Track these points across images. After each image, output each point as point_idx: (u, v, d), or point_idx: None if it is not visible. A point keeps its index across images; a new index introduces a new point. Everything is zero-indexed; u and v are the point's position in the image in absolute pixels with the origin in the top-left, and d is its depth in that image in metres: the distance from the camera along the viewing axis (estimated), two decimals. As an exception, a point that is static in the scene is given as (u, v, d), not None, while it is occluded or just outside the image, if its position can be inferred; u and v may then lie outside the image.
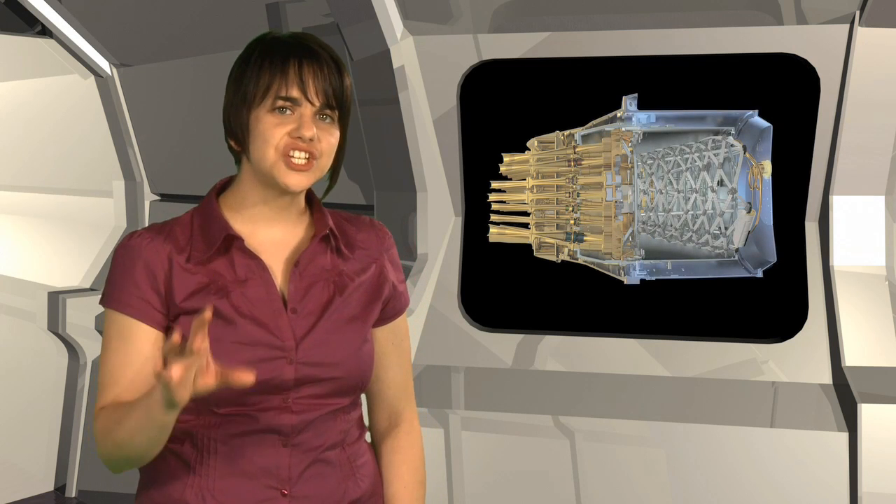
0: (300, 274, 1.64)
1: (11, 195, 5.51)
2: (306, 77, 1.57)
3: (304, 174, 1.59)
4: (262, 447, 1.61)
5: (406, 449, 1.78)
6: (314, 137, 1.58)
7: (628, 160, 3.48)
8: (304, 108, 1.58)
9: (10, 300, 5.01)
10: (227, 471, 1.61)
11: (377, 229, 1.76)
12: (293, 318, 1.62)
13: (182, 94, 4.48)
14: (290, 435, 1.61)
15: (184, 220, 1.67)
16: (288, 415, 1.61)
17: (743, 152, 3.38)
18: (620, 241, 3.51)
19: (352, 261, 1.69)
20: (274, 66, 1.58)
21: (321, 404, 1.63)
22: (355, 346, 1.66)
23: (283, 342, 1.60)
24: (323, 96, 1.58)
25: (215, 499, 1.61)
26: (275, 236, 1.67)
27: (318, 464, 1.65)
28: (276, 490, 1.62)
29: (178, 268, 1.61)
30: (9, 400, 5.01)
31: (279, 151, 1.58)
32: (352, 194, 3.90)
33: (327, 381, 1.63)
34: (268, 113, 1.58)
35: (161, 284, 1.61)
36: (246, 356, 1.57)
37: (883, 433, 3.03)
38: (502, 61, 3.55)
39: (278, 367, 1.60)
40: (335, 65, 1.60)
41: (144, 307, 1.61)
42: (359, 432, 1.73)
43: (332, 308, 1.64)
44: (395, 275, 1.76)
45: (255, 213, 1.66)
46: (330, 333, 1.64)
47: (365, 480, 1.71)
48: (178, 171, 4.64)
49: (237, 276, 1.62)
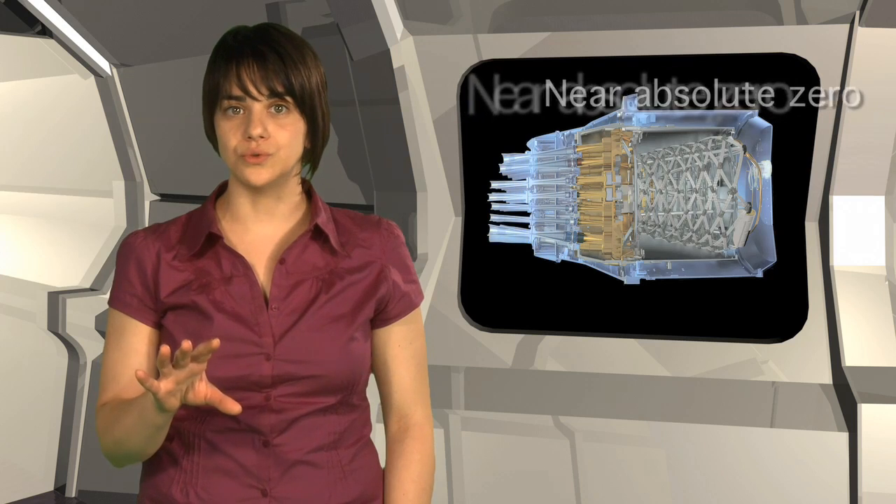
0: (286, 271, 1.65)
1: (11, 195, 5.52)
2: (243, 75, 1.59)
3: (261, 168, 1.61)
4: (243, 446, 1.62)
5: (412, 454, 1.74)
6: (263, 134, 1.59)
7: (628, 160, 3.48)
8: (251, 104, 1.60)
9: (10, 300, 5.01)
10: (210, 467, 1.63)
11: (384, 229, 1.75)
12: (273, 315, 1.63)
13: (182, 94, 4.47)
14: (270, 435, 1.62)
15: (180, 220, 1.72)
16: (268, 414, 1.61)
17: (743, 152, 3.38)
18: (620, 241, 3.51)
19: (347, 258, 1.69)
20: (218, 69, 1.62)
21: (303, 403, 1.63)
22: (339, 345, 1.65)
23: (261, 338, 1.62)
24: (266, 89, 1.59)
25: (198, 496, 1.63)
26: (265, 233, 1.68)
27: (302, 466, 1.64)
28: (257, 489, 1.63)
29: (165, 264, 1.66)
30: (9, 400, 5.01)
31: (237, 153, 1.61)
32: (352, 194, 3.90)
33: (307, 380, 1.62)
34: (222, 116, 1.62)
35: (150, 281, 1.66)
36: (224, 351, 1.58)
37: (883, 433, 3.03)
38: (502, 61, 3.55)
39: (256, 363, 1.61)
40: (278, 56, 1.61)
41: (137, 304, 1.66)
42: (360, 435, 1.72)
43: (315, 305, 1.64)
44: (401, 275, 1.74)
45: (243, 212, 1.69)
46: (312, 331, 1.63)
47: (358, 485, 1.69)
48: (178, 171, 4.64)
49: (223, 273, 1.65)
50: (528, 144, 3.59)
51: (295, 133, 1.63)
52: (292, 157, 1.64)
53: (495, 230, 3.65)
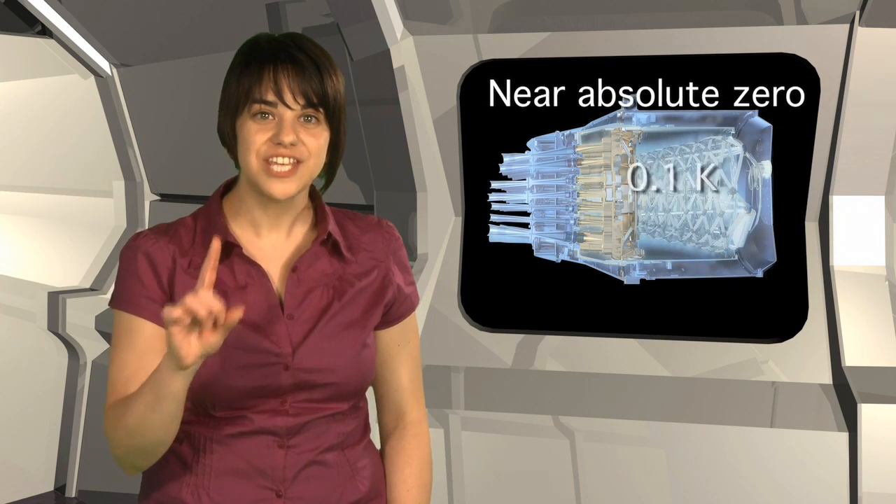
0: (298, 279, 1.64)
1: (11, 195, 5.52)
2: (281, 81, 1.56)
3: (288, 181, 1.58)
4: (258, 448, 1.61)
5: (411, 451, 1.75)
6: (295, 142, 1.56)
7: (628, 160, 3.48)
8: (283, 112, 1.57)
9: (10, 300, 5.02)
10: (222, 470, 1.62)
11: (384, 230, 1.74)
12: (290, 324, 1.61)
13: (182, 94, 4.48)
14: (285, 436, 1.61)
15: (187, 223, 1.68)
16: (283, 417, 1.61)
17: (743, 152, 3.38)
18: (620, 241, 3.51)
19: (354, 264, 1.68)
20: (251, 72, 1.58)
21: (318, 408, 1.63)
22: (353, 352, 1.65)
23: (280, 348, 1.60)
24: (302, 98, 1.57)
25: (211, 498, 1.62)
26: (276, 241, 1.67)
27: (315, 465, 1.64)
28: (271, 490, 1.62)
29: (180, 271, 1.62)
30: (9, 400, 5.01)
31: (261, 158, 1.58)
32: (352, 194, 3.90)
33: (324, 387, 1.62)
34: (249, 120, 1.58)
35: (165, 283, 1.62)
36: (242, 361, 1.58)
37: (883, 433, 3.02)
38: (502, 61, 3.55)
39: (274, 372, 1.60)
40: (314, 65, 1.58)
41: (151, 306, 1.61)
42: (361, 434, 1.72)
43: (329, 314, 1.63)
44: (402, 277, 1.74)
45: (254, 218, 1.66)
46: (327, 339, 1.63)
47: (365, 483, 1.70)
48: (178, 171, 4.64)
49: (237, 281, 1.62)
50: (528, 144, 3.59)
51: (323, 144, 1.61)
52: (318, 169, 1.62)
53: (495, 230, 3.65)
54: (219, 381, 1.57)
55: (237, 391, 1.56)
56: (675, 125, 3.45)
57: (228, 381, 1.57)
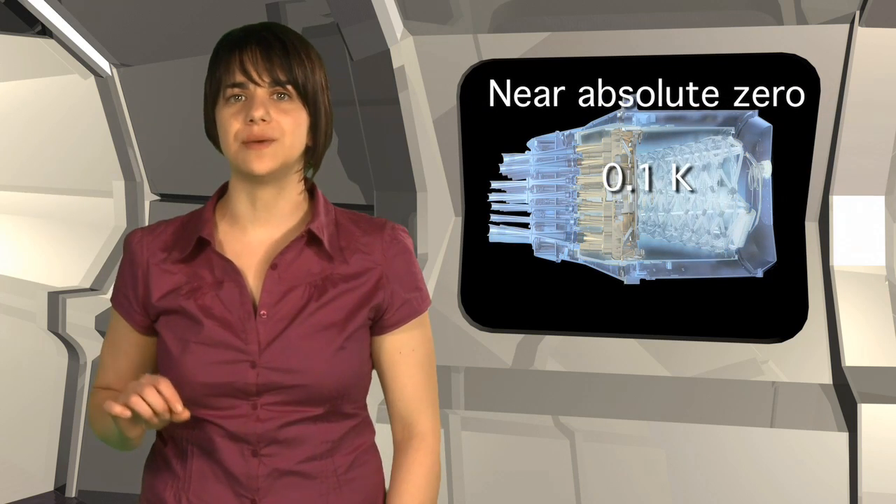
0: (279, 277, 1.62)
1: (11, 195, 5.52)
2: (246, 62, 1.58)
3: (266, 156, 1.58)
4: (232, 455, 1.60)
5: (411, 466, 1.68)
6: (266, 117, 1.56)
7: (628, 160, 3.48)
8: (254, 90, 1.58)
9: (10, 300, 5.02)
10: (201, 474, 1.62)
11: (387, 234, 1.68)
12: (262, 323, 1.60)
13: (182, 94, 4.48)
14: (257, 444, 1.60)
15: (179, 220, 1.70)
16: (254, 423, 1.59)
17: (743, 152, 3.38)
18: (620, 241, 3.51)
19: (344, 264, 1.64)
20: (220, 60, 1.61)
21: (289, 412, 1.60)
22: (327, 354, 1.60)
23: (247, 346, 1.59)
24: (267, 75, 1.58)
25: (190, 501, 1.63)
26: (263, 237, 1.65)
27: (293, 476, 1.61)
28: (247, 498, 1.61)
29: (155, 267, 1.65)
30: (9, 400, 5.01)
31: (238, 140, 1.58)
32: (352, 194, 3.90)
33: (293, 389, 1.59)
34: (224, 106, 1.60)
35: (140, 283, 1.66)
36: (210, 357, 1.58)
37: (883, 433, 3.03)
38: (502, 61, 3.55)
39: (241, 370, 1.58)
40: (281, 43, 1.59)
41: (126, 305, 1.69)
42: (358, 442, 1.69)
43: (305, 313, 1.61)
44: (403, 282, 1.67)
45: (242, 214, 1.65)
46: (300, 339, 1.60)
47: (356, 494, 1.66)
48: (178, 171, 4.64)
49: (215, 277, 1.63)
50: (528, 144, 3.59)
51: (298, 121, 1.60)
52: (296, 147, 1.61)
53: (495, 230, 3.65)
54: (188, 378, 1.58)
55: (205, 388, 1.57)
56: (675, 125, 3.45)
57: (196, 377, 1.57)
